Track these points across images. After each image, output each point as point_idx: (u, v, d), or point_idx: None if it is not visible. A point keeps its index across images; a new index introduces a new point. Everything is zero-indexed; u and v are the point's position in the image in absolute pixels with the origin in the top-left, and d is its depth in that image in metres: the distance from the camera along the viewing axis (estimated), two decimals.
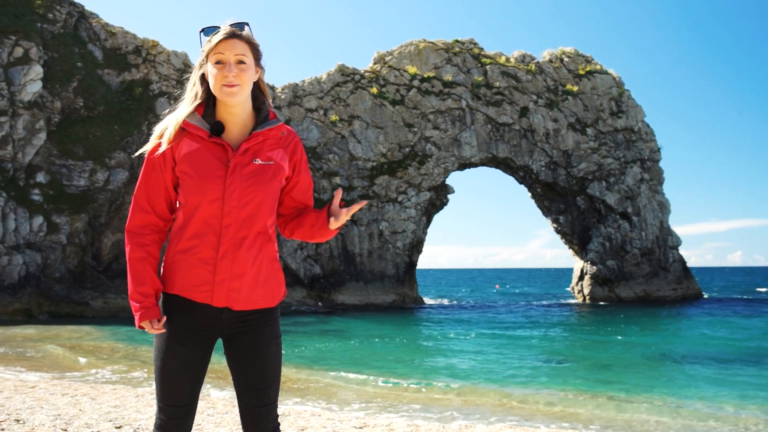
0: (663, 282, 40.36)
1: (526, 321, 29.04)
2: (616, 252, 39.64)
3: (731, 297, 48.91)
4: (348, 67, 38.69)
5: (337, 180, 35.65)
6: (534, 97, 40.21)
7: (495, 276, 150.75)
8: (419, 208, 36.72)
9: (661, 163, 42.44)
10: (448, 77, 39.04)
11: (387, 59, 39.56)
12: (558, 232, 41.21)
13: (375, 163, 36.57)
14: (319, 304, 33.62)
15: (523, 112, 39.65)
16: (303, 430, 6.83)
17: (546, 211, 41.24)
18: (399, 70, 39.05)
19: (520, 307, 38.91)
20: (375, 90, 37.91)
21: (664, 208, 41.50)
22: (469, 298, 51.86)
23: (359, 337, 20.89)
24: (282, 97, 36.79)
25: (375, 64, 39.57)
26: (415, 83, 38.65)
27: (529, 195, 41.52)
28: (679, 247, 41.59)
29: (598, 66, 43.32)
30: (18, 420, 6.63)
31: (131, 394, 8.99)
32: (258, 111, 2.77)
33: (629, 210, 40.09)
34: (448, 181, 38.38)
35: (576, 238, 40.60)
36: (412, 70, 38.85)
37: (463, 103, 38.70)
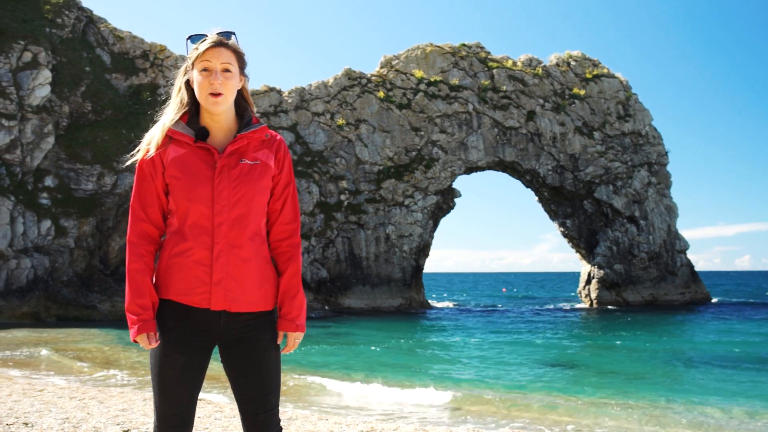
0: (671, 286, 40.20)
1: (532, 325, 28.97)
2: (623, 256, 39.52)
3: (740, 301, 48.67)
4: (355, 71, 38.74)
5: (344, 184, 35.69)
6: (541, 101, 40.18)
7: (502, 280, 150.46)
8: (426, 211, 36.72)
9: (669, 167, 42.33)
10: (454, 81, 39.05)
11: (394, 63, 39.60)
12: (565, 236, 41.11)
13: (382, 167, 36.58)
14: (326, 307, 33.62)
15: (530, 115, 39.61)
16: None
17: (553, 215, 41.17)
18: (406, 74, 39.09)
19: (526, 312, 38.84)
20: (382, 94, 37.95)
21: (671, 211, 41.37)
22: (476, 301, 51.78)
23: (365, 342, 20.89)
24: (289, 101, 36.87)
25: (382, 68, 39.62)
26: (422, 87, 38.68)
27: (536, 199, 41.46)
28: (687, 251, 41.43)
29: (605, 70, 43.25)
30: (26, 423, 6.66)
31: (139, 397, 9.01)
32: (241, 117, 2.82)
33: (636, 214, 39.98)
34: (454, 185, 38.37)
35: (583, 242, 40.50)
36: (418, 74, 38.88)
37: (470, 107, 38.69)
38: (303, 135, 36.36)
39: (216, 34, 2.69)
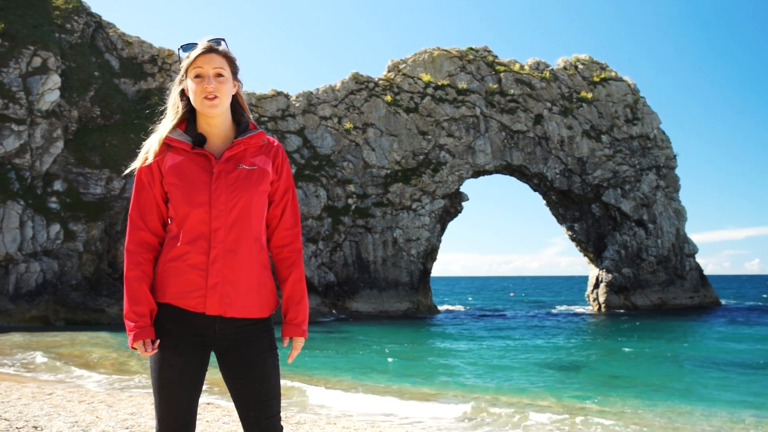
0: (679, 290, 40.04)
1: (541, 330, 28.89)
2: (631, 260, 39.39)
3: (750, 305, 48.41)
4: (362, 75, 38.79)
5: (352, 188, 35.71)
6: (548, 105, 40.13)
7: (509, 284, 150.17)
8: (433, 215, 36.70)
9: (678, 171, 42.22)
10: (462, 85, 39.05)
11: (401, 67, 39.63)
12: (573, 239, 41.01)
13: (389, 171, 36.59)
14: (333, 311, 33.63)
15: (538, 119, 39.56)
16: None
17: (561, 219, 41.07)
18: (413, 77, 39.11)
19: (534, 316, 38.74)
20: (389, 98, 37.98)
21: (680, 215, 41.23)
22: (484, 306, 51.68)
23: (373, 349, 20.88)
24: (296, 105, 36.94)
25: (389, 72, 39.66)
26: (429, 91, 38.69)
27: (544, 202, 41.37)
28: (696, 255, 41.28)
29: (612, 73, 43.17)
30: (36, 427, 6.68)
31: (147, 401, 9.02)
32: (238, 123, 2.84)
33: (645, 217, 39.85)
34: (462, 189, 38.33)
35: (591, 245, 40.39)
36: (426, 77, 38.90)
37: (477, 111, 38.68)
38: (310, 139, 36.41)
39: (206, 41, 2.73)
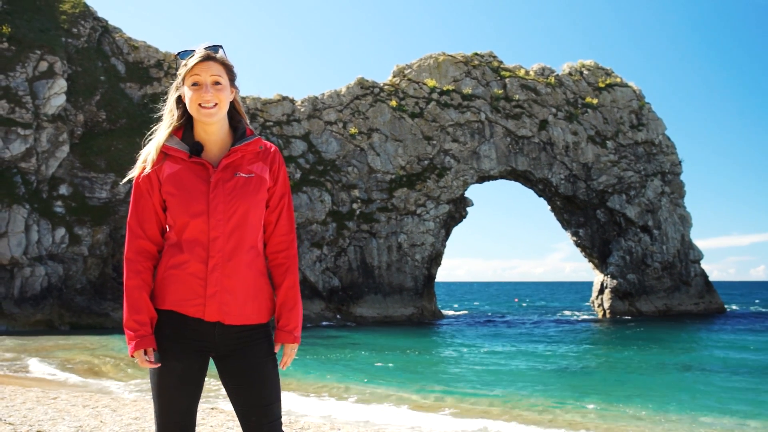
0: (685, 296, 39.92)
1: (546, 336, 28.82)
2: (636, 266, 39.29)
3: (755, 312, 48.24)
4: (367, 80, 38.84)
5: (356, 192, 35.72)
6: (553, 110, 40.10)
7: (514, 289, 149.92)
8: (438, 220, 36.67)
9: (683, 177, 42.13)
10: (467, 90, 39.06)
11: (406, 72, 39.67)
12: (578, 245, 40.93)
13: (394, 176, 36.60)
14: (338, 316, 33.61)
15: (543, 125, 39.54)
16: None
17: (565, 225, 41.00)
18: (418, 83, 39.14)
19: (539, 322, 38.65)
20: (394, 103, 38.01)
21: (685, 221, 41.12)
22: (488, 311, 51.60)
23: (378, 358, 20.85)
24: (302, 110, 36.99)
25: (394, 77, 39.69)
26: (434, 96, 38.71)
27: (549, 208, 41.31)
28: (701, 261, 41.15)
29: (618, 79, 43.14)
30: (40, 431, 6.68)
31: (151, 406, 9.01)
32: (235, 129, 2.84)
33: (650, 223, 39.76)
34: (467, 194, 38.31)
35: (596, 251, 40.30)
36: (431, 83, 38.92)
37: (482, 116, 38.68)
38: (315, 144, 36.45)
39: (203, 48, 2.73)
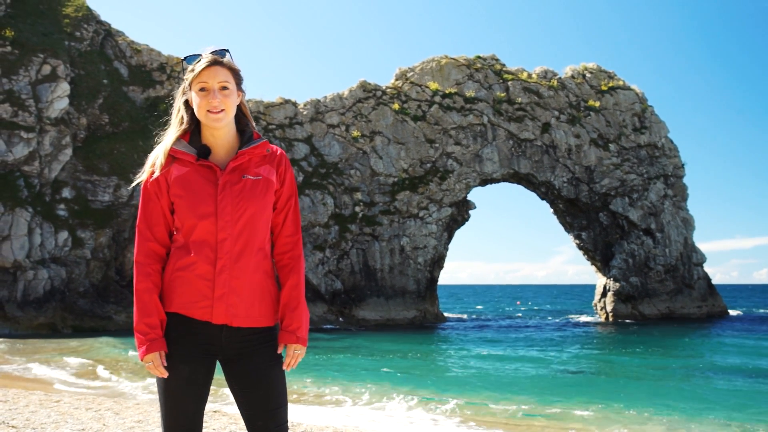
0: (687, 299, 39.84)
1: (549, 340, 28.76)
2: (639, 269, 39.23)
3: (758, 315, 48.12)
4: (370, 84, 38.87)
5: (359, 195, 35.72)
6: (556, 113, 40.09)
7: (516, 292, 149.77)
8: (440, 223, 36.66)
9: (685, 179, 42.06)
10: (469, 93, 39.07)
11: (409, 75, 39.69)
12: (580, 248, 40.89)
13: (396, 179, 36.60)
14: (340, 319, 33.60)
15: (545, 127, 39.53)
16: None
17: (568, 227, 40.96)
18: (421, 86, 39.16)
19: (541, 325, 38.60)
20: (397, 106, 38.03)
21: (688, 224, 41.07)
22: (491, 314, 51.54)
23: (382, 362, 20.83)
24: (304, 113, 37.02)
25: (397, 80, 39.72)
26: (437, 99, 38.72)
27: (551, 211, 41.28)
28: (704, 264, 41.08)
29: (620, 82, 43.12)
30: None
31: (154, 409, 9.02)
32: (242, 133, 2.85)
33: (653, 226, 39.70)
34: (469, 197, 38.28)
35: (598, 254, 40.25)
36: (433, 86, 38.94)
37: (485, 119, 38.67)
38: (318, 147, 36.47)
39: (210, 53, 2.73)
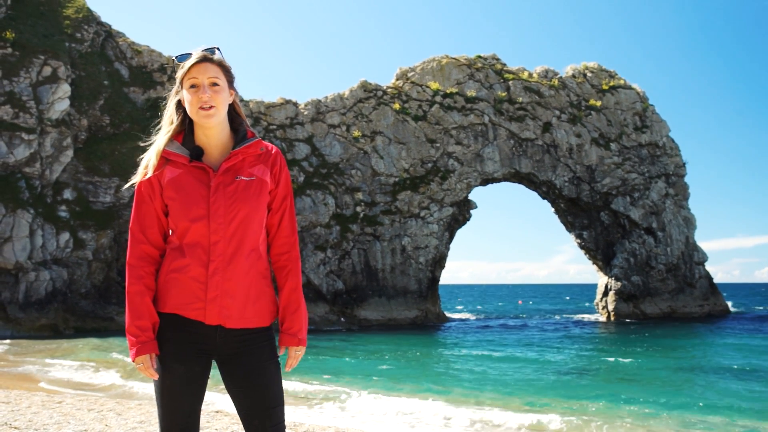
0: (689, 298, 39.82)
1: (548, 339, 28.75)
2: (640, 268, 39.20)
3: (760, 314, 48.07)
4: (371, 83, 38.86)
5: (360, 195, 35.71)
6: (557, 113, 40.07)
7: (518, 291, 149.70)
8: (442, 223, 36.65)
9: (687, 178, 42.05)
10: (470, 93, 39.06)
11: (409, 75, 39.68)
12: (582, 247, 40.86)
13: (397, 179, 36.59)
14: (342, 319, 33.59)
15: (546, 127, 39.51)
16: None
17: (569, 227, 40.94)
18: (421, 86, 39.15)
19: (543, 324, 38.57)
20: (397, 106, 38.02)
21: (689, 223, 41.04)
22: (492, 314, 51.52)
23: (379, 356, 20.82)
24: (305, 114, 37.01)
25: (397, 80, 39.71)
26: (438, 99, 38.71)
27: (553, 210, 41.26)
28: (706, 263, 41.06)
29: (621, 81, 43.09)
30: None
31: (156, 409, 9.01)
32: (236, 132, 2.83)
33: (654, 225, 39.68)
34: (470, 197, 38.27)
35: (600, 253, 40.23)
36: (434, 85, 38.93)
37: (486, 119, 38.66)
38: (319, 147, 36.47)
39: (201, 50, 2.73)
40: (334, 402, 11.45)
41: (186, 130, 2.80)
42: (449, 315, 43.49)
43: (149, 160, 2.75)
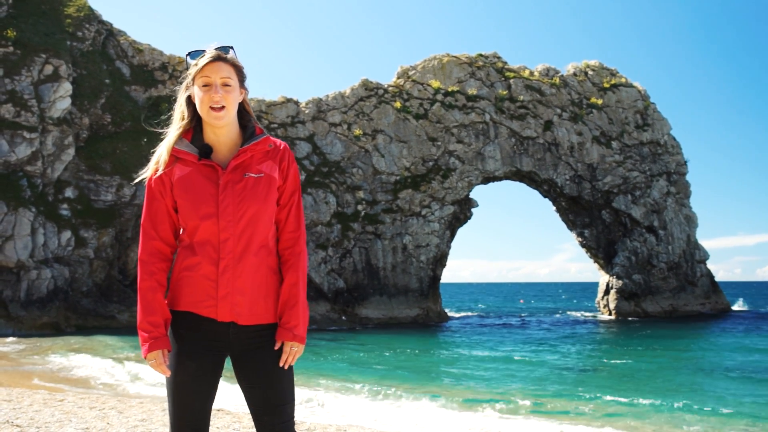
0: (690, 296, 39.81)
1: (550, 337, 28.75)
2: (642, 266, 39.19)
3: (762, 312, 48.03)
4: (372, 82, 38.85)
5: (361, 194, 35.72)
6: (558, 111, 40.05)
7: (519, 290, 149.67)
8: (443, 221, 36.64)
9: (688, 177, 42.02)
10: (471, 91, 39.03)
11: (410, 73, 39.66)
12: (583, 246, 40.85)
13: (398, 177, 36.59)
14: (343, 318, 33.60)
15: (547, 125, 39.49)
16: None
17: (571, 225, 40.93)
18: (422, 84, 39.13)
19: (544, 323, 38.57)
20: (398, 104, 38.01)
21: (691, 221, 41.01)
22: (494, 312, 51.53)
23: (381, 355, 20.82)
24: (306, 112, 37.01)
25: (398, 78, 39.70)
26: (439, 97, 38.69)
27: (554, 209, 41.26)
28: (707, 262, 41.04)
29: (623, 79, 43.06)
30: None
31: (158, 407, 9.03)
32: (244, 129, 2.83)
33: (655, 224, 39.66)
34: (471, 195, 38.27)
35: (601, 252, 40.22)
36: (435, 84, 38.91)
37: (487, 117, 38.64)
38: (320, 145, 36.48)
39: (214, 49, 2.72)
40: (335, 400, 11.47)
41: (195, 127, 2.80)
42: (450, 314, 43.48)
43: (160, 155, 2.76)
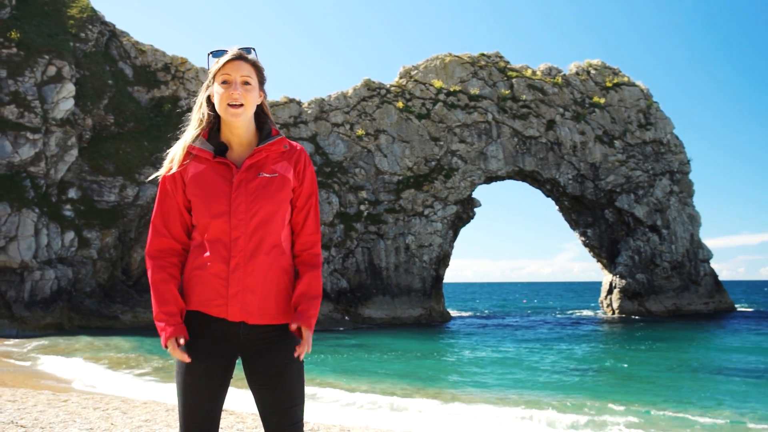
0: (694, 296, 39.74)
1: (553, 337, 28.73)
2: (645, 265, 39.14)
3: (765, 311, 47.92)
4: (374, 82, 38.85)
5: (364, 194, 35.73)
6: (561, 110, 40.01)
7: (522, 290, 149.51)
8: (446, 221, 36.63)
9: (691, 176, 41.95)
10: (474, 91, 39.02)
11: (413, 73, 39.66)
12: (586, 245, 40.81)
13: (401, 177, 36.59)
14: (346, 318, 33.61)
15: (550, 124, 39.46)
16: None
17: (574, 224, 40.89)
18: (425, 84, 39.12)
19: (548, 322, 38.54)
20: (401, 104, 38.00)
21: (694, 220, 40.94)
22: (497, 312, 51.49)
23: (384, 355, 20.82)
24: (308, 112, 37.04)
25: (401, 78, 39.70)
26: (441, 97, 38.69)
27: (557, 208, 41.22)
28: (711, 261, 40.96)
29: (625, 78, 43.00)
30: None
31: (161, 408, 9.04)
32: (261, 130, 2.84)
33: (658, 223, 39.60)
34: (474, 195, 38.26)
35: (604, 251, 40.17)
36: (437, 83, 38.90)
37: (489, 117, 38.62)
38: (323, 146, 36.49)
39: (236, 48, 2.74)
40: (338, 400, 11.47)
41: (212, 126, 2.81)
42: (453, 313, 43.47)
43: (175, 154, 2.78)
